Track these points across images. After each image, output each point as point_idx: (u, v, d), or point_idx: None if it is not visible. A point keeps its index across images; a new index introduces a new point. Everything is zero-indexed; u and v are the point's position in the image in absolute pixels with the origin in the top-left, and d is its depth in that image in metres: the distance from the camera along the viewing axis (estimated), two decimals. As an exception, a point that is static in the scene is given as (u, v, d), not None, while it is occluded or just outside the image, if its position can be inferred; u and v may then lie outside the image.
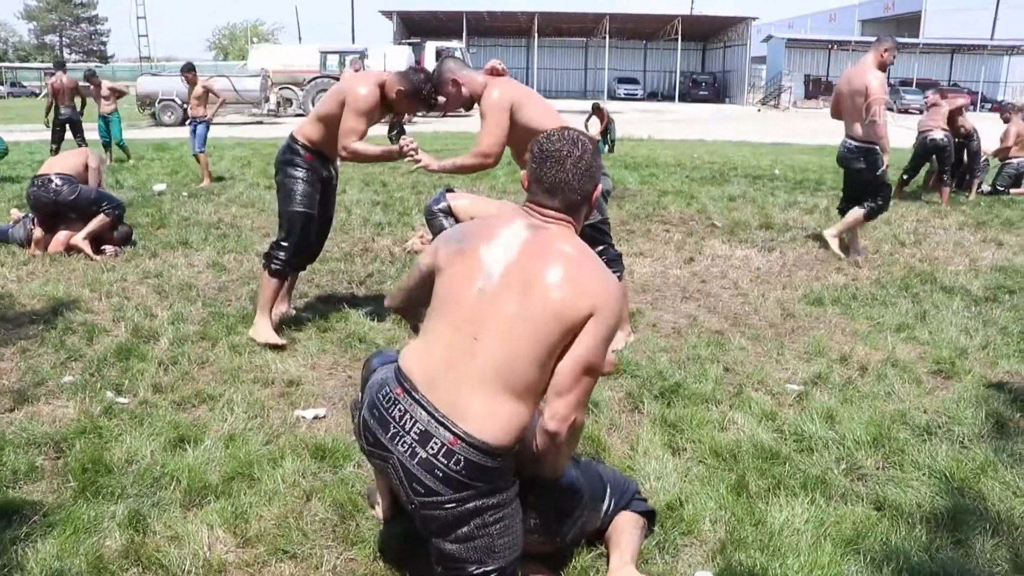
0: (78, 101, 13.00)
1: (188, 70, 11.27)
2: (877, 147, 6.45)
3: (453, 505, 2.03)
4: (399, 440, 2.07)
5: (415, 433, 2.05)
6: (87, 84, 13.32)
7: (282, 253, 4.51)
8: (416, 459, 2.04)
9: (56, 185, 6.39)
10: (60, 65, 13.48)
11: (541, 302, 2.03)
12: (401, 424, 2.08)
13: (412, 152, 4.28)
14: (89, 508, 2.70)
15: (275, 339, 4.40)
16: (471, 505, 2.03)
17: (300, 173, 4.47)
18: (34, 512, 2.67)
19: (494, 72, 4.33)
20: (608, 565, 2.44)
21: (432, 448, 2.03)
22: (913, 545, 2.60)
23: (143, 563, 2.46)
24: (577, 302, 2.03)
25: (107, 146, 13.10)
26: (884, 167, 6.51)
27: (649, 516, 2.62)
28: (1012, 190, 10.69)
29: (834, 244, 6.88)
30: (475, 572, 2.08)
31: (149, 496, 2.82)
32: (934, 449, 3.25)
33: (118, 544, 2.52)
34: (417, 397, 2.09)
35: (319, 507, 2.78)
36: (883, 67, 6.47)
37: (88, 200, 6.45)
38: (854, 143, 6.57)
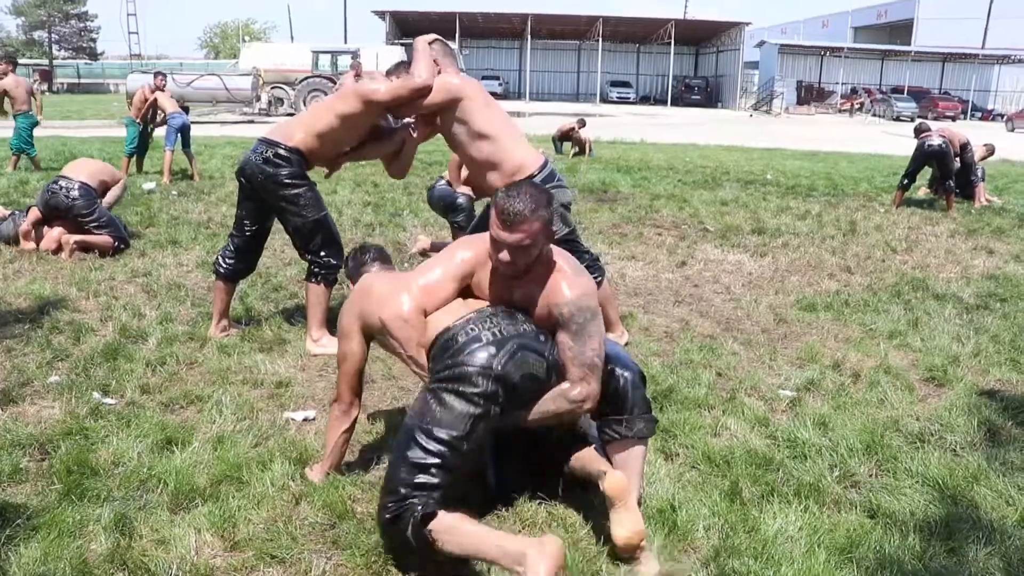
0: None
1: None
2: None
3: None
4: None
5: None
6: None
7: (331, 260, 4.41)
8: None
9: (75, 195, 6.37)
10: None
11: None
12: None
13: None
14: (74, 511, 2.65)
15: None
16: None
17: (300, 182, 4.25)
18: (18, 515, 2.62)
19: None
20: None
21: None
22: (907, 553, 2.59)
23: (129, 567, 2.42)
24: None
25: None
26: None
27: None
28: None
29: None
30: None
31: (136, 499, 2.78)
32: (927, 457, 3.24)
33: (103, 548, 2.48)
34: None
35: (308, 511, 2.74)
36: None
37: (98, 221, 6.40)
38: None
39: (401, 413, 3.60)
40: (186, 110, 11.46)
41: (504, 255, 2.56)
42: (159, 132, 11.23)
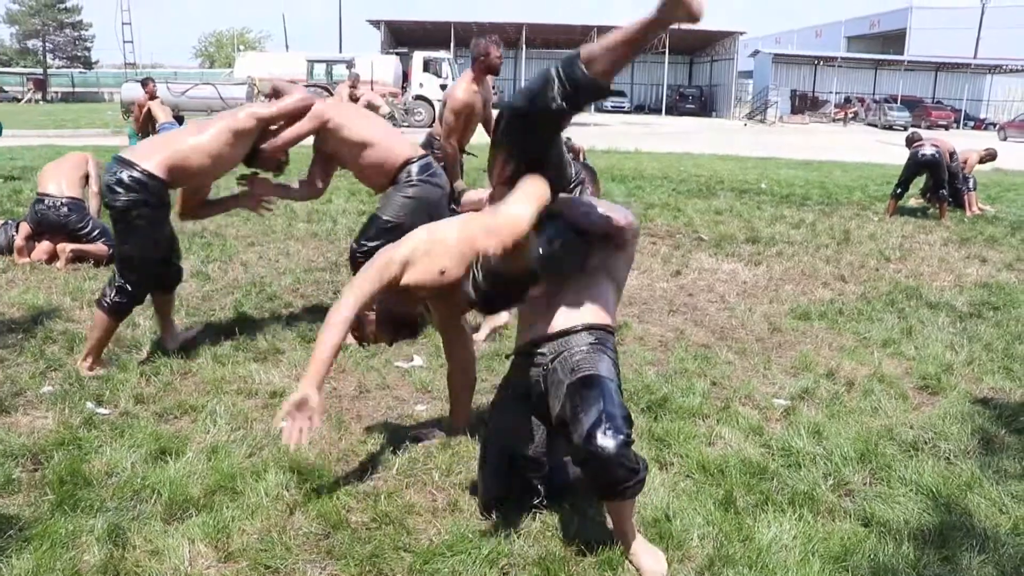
0: None
1: None
2: None
3: None
4: None
5: None
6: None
7: (132, 299, 4.14)
8: None
9: (65, 211, 6.35)
10: None
11: None
12: None
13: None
14: (67, 522, 2.64)
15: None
16: None
17: (146, 211, 3.98)
18: (10, 526, 2.61)
19: None
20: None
21: None
22: (901, 562, 2.59)
23: (122, 578, 2.41)
24: None
25: None
26: None
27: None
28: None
29: None
30: None
31: (129, 509, 2.77)
32: (920, 465, 3.25)
33: (97, 559, 2.47)
34: None
35: (303, 521, 2.74)
36: None
37: (93, 231, 6.40)
38: None
39: (396, 422, 3.59)
40: (180, 120, 11.46)
41: None
42: None
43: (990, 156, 11.50)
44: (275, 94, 4.50)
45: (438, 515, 2.81)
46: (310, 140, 4.53)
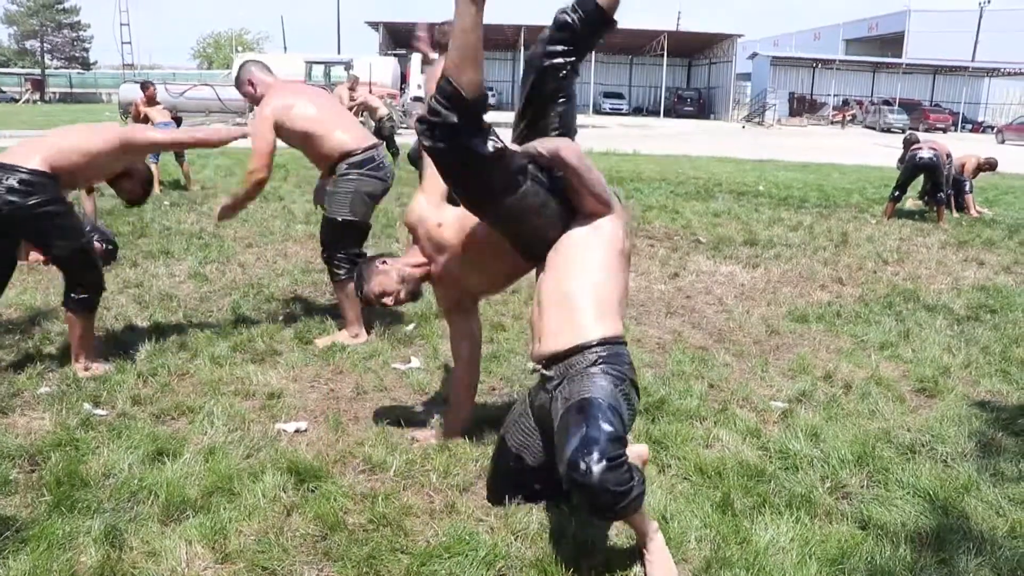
0: None
1: None
2: None
3: None
4: None
5: None
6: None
7: (93, 291, 4.11)
8: None
9: None
10: None
11: None
12: None
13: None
14: (64, 523, 2.64)
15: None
16: None
17: (57, 207, 3.90)
18: (7, 527, 2.61)
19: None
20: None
21: None
22: (898, 564, 2.59)
23: (118, 580, 2.41)
24: None
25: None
26: None
27: None
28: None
29: None
30: None
31: (126, 511, 2.77)
32: (918, 468, 3.25)
33: (93, 560, 2.47)
34: None
35: (300, 522, 2.74)
36: None
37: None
38: None
39: (393, 424, 3.59)
40: (178, 120, 11.43)
41: None
42: None
43: (990, 165, 11.48)
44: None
45: (435, 517, 2.81)
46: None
